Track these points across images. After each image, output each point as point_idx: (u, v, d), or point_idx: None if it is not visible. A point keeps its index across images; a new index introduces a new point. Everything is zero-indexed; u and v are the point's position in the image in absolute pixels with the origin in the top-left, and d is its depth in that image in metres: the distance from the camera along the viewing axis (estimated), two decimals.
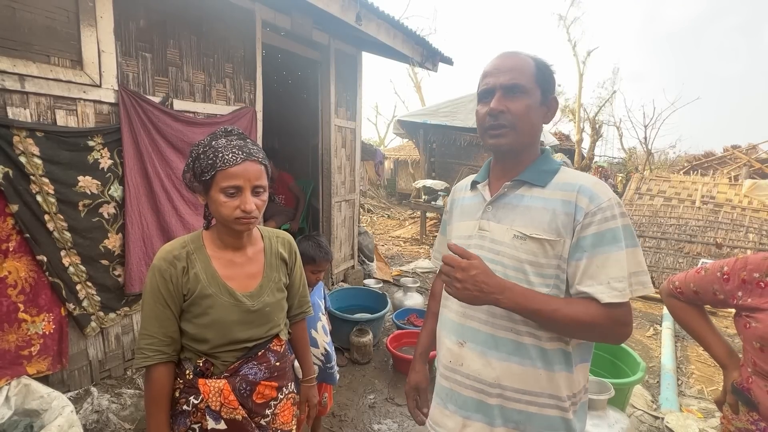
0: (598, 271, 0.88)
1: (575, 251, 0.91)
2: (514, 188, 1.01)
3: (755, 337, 1.07)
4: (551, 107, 1.02)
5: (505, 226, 0.98)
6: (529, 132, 0.98)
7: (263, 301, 1.14)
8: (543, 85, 0.98)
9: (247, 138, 1.10)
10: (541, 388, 0.94)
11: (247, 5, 2.94)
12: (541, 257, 0.93)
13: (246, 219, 1.03)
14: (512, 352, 0.95)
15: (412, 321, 3.51)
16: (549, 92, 1.00)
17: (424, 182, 7.72)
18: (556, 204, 0.94)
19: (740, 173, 8.46)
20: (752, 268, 1.10)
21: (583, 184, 0.94)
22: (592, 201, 0.91)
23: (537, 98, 0.97)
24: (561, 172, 1.00)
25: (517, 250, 0.95)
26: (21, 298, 1.94)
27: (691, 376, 3.21)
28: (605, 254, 0.88)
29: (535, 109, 0.97)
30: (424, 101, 16.97)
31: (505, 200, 1.01)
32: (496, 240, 0.99)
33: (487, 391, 0.97)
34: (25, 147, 1.88)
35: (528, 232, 0.94)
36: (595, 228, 0.89)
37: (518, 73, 0.96)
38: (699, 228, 5.63)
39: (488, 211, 1.03)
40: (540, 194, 0.97)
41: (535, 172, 1.00)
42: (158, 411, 1.06)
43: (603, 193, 0.92)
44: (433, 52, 4.44)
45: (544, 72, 0.99)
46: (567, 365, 0.95)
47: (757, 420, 1.10)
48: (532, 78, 0.97)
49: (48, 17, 1.93)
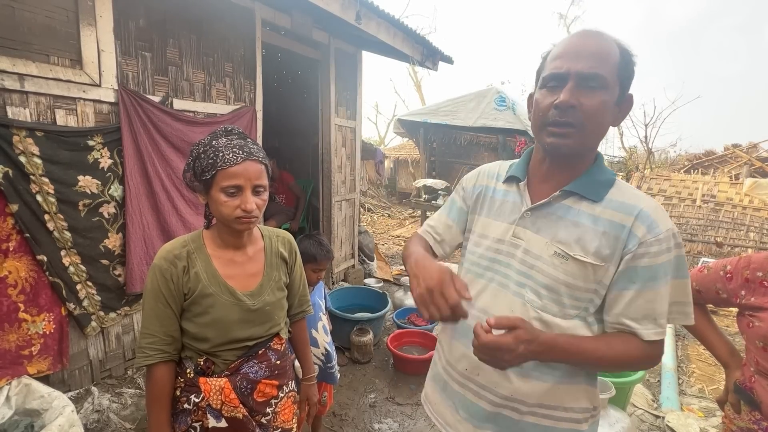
0: (645, 307, 0.81)
1: (621, 280, 0.83)
2: (561, 198, 0.88)
3: (758, 337, 1.07)
4: (625, 107, 0.87)
5: (545, 240, 0.87)
6: (597, 135, 0.85)
7: (263, 300, 1.14)
8: (623, 80, 0.83)
9: (248, 137, 1.10)
10: (559, 401, 0.89)
11: (247, 4, 2.94)
12: (580, 281, 0.84)
13: (246, 218, 1.03)
14: (533, 367, 0.87)
15: (413, 320, 3.51)
16: (627, 89, 0.85)
17: (424, 181, 7.71)
18: (607, 225, 0.83)
19: (741, 172, 8.44)
20: (755, 267, 1.09)
21: (643, 209, 0.82)
22: (650, 231, 0.81)
23: (615, 95, 0.82)
24: (617, 187, 0.87)
25: (555, 269, 0.85)
26: (21, 297, 1.94)
27: (691, 375, 3.21)
28: (655, 290, 0.81)
29: (609, 109, 0.83)
30: (424, 100, 16.96)
31: (548, 209, 0.89)
32: (531, 252, 0.88)
33: (503, 404, 0.91)
34: (24, 147, 1.88)
35: (572, 252, 0.84)
36: (648, 261, 0.81)
37: (601, 60, 0.80)
38: (700, 227, 5.62)
39: (526, 217, 0.91)
40: (591, 210, 0.85)
41: (588, 184, 0.87)
42: (159, 410, 1.06)
43: (663, 222, 0.82)
44: (433, 51, 4.43)
45: (628, 63, 0.83)
46: (588, 378, 0.91)
47: (760, 419, 1.09)
48: (614, 69, 0.81)
49: (47, 16, 1.93)
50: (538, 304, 0.88)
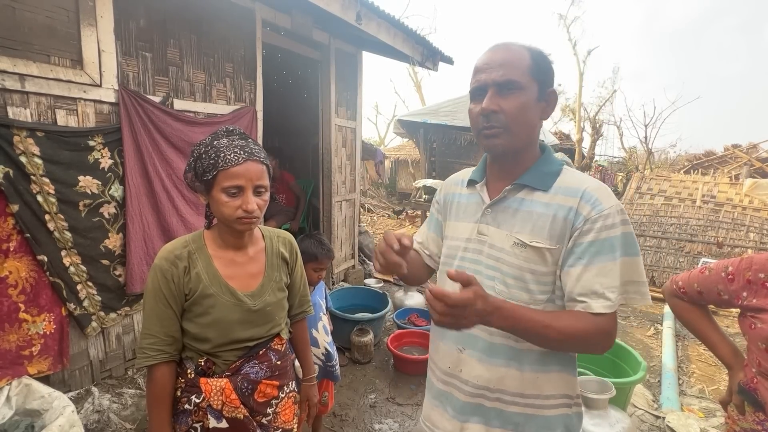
0: (593, 281, 0.85)
1: (569, 257, 0.88)
2: (515, 191, 0.96)
3: (760, 338, 1.06)
4: (550, 102, 0.94)
5: (505, 232, 0.94)
6: (525, 132, 0.92)
7: (264, 301, 1.14)
8: (540, 78, 0.91)
9: (249, 138, 1.10)
10: (539, 390, 0.93)
11: (247, 4, 2.94)
12: (540, 265, 0.90)
13: (247, 219, 1.03)
14: (511, 357, 0.93)
15: (413, 320, 3.51)
16: (547, 85, 0.92)
17: (424, 182, 7.71)
18: (557, 209, 0.89)
19: (741, 172, 8.46)
20: (757, 268, 1.09)
21: (587, 190, 0.89)
22: (594, 208, 0.86)
23: (533, 94, 0.90)
24: (564, 174, 0.94)
25: (517, 258, 0.91)
26: (22, 298, 1.94)
27: (692, 375, 3.21)
28: (602, 264, 0.85)
29: (531, 107, 0.90)
30: (424, 101, 16.98)
31: (505, 204, 0.96)
32: (495, 246, 0.95)
33: (486, 396, 0.96)
34: (25, 147, 1.88)
35: (528, 240, 0.90)
36: (594, 236, 0.85)
37: (511, 67, 0.89)
38: (700, 227, 5.62)
39: (487, 214, 0.98)
40: (541, 199, 0.92)
41: (536, 175, 0.94)
42: (160, 410, 1.06)
43: (606, 199, 0.87)
44: (433, 51, 4.43)
45: (541, 63, 0.91)
46: (563, 366, 0.95)
47: (763, 420, 1.09)
48: (526, 71, 0.89)
49: (48, 17, 1.93)
50: (507, 293, 0.93)
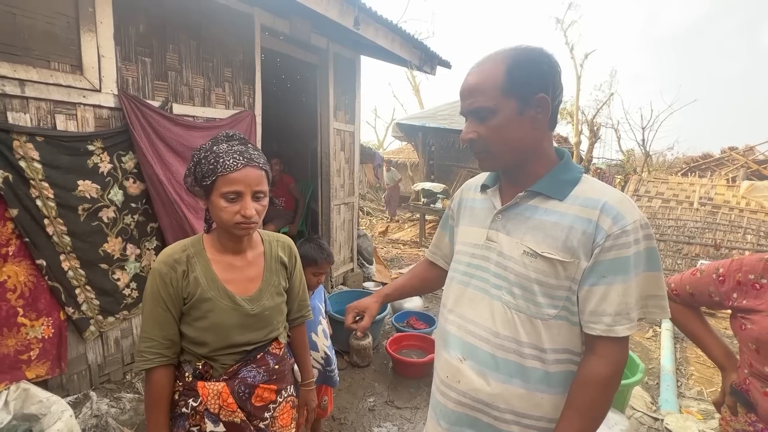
0: (618, 301, 0.82)
1: (592, 275, 0.83)
2: (528, 198, 0.91)
3: (751, 339, 1.07)
4: (541, 108, 0.86)
5: (515, 240, 0.90)
6: (511, 150, 0.89)
7: (262, 305, 1.14)
8: (517, 92, 0.84)
9: (249, 143, 1.11)
10: (542, 412, 0.89)
11: (246, 10, 2.96)
12: (551, 278, 0.85)
13: (246, 224, 1.04)
14: (514, 374, 0.88)
15: (412, 324, 3.51)
16: (530, 94, 0.85)
17: (423, 185, 7.73)
18: (573, 220, 0.84)
19: (738, 175, 8.48)
20: (747, 269, 1.10)
21: (607, 202, 0.83)
22: (616, 222, 0.81)
23: (510, 111, 0.85)
24: (582, 183, 0.89)
25: (525, 268, 0.87)
26: (20, 302, 1.94)
27: (690, 377, 3.21)
28: (626, 283, 0.81)
29: (510, 126, 0.86)
30: (422, 104, 17.02)
31: (516, 210, 0.92)
32: (504, 254, 0.91)
33: (482, 410, 0.92)
34: (24, 152, 1.88)
35: (539, 250, 0.86)
36: (617, 253, 0.81)
37: (479, 93, 0.86)
38: (697, 229, 5.64)
39: (497, 220, 0.95)
40: (556, 208, 0.87)
41: (552, 183, 0.89)
42: (158, 414, 1.06)
43: (629, 213, 0.82)
44: (431, 55, 4.46)
45: (517, 75, 0.84)
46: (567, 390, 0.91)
47: (755, 421, 1.10)
48: (497, 92, 0.84)
49: (48, 22, 1.94)
50: (513, 304, 0.89)
